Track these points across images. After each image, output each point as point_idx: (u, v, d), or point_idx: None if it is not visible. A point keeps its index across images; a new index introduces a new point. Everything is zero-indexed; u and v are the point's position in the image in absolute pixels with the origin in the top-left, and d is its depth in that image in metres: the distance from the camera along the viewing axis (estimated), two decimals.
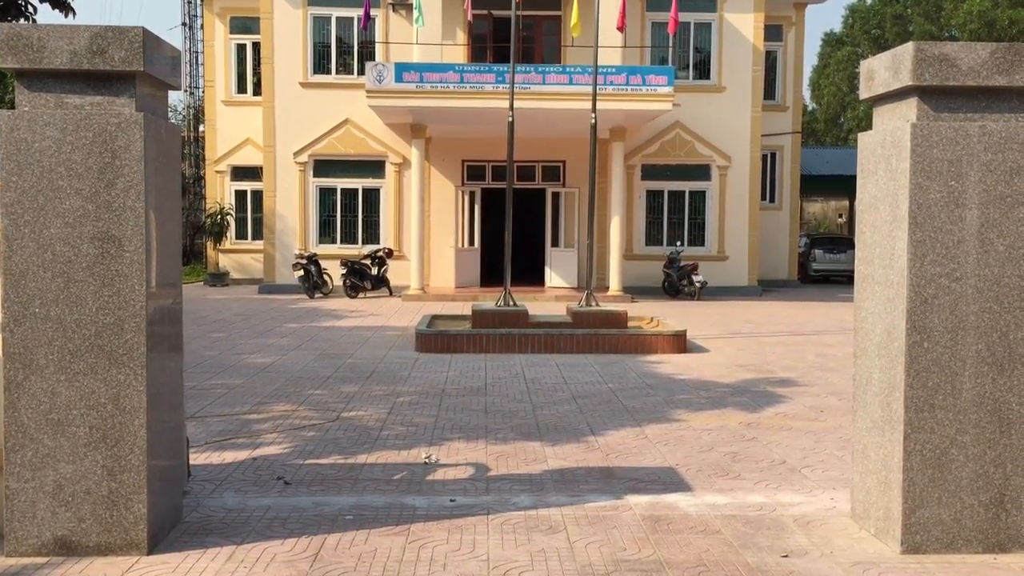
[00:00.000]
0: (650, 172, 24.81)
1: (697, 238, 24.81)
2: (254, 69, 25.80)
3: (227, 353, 12.72)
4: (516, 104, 17.45)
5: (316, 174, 24.09)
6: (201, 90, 31.78)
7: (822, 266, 29.56)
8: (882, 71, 5.28)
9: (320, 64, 24.07)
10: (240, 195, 26.29)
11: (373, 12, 22.89)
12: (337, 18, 23.99)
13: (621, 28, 20.39)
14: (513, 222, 16.63)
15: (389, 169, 24.25)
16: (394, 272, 22.98)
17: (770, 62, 26.76)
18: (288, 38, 23.70)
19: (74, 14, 9.28)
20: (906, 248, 4.98)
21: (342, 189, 24.21)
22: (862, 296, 5.53)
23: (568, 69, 20.64)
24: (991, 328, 5.01)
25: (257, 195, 25.51)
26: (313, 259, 22.23)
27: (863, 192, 5.52)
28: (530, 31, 24.38)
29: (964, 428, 5.02)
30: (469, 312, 14.91)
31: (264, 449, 7.29)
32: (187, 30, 33.39)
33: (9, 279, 4.79)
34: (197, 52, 32.62)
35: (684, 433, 8.02)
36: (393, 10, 23.91)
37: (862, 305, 5.52)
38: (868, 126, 34.10)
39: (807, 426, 8.41)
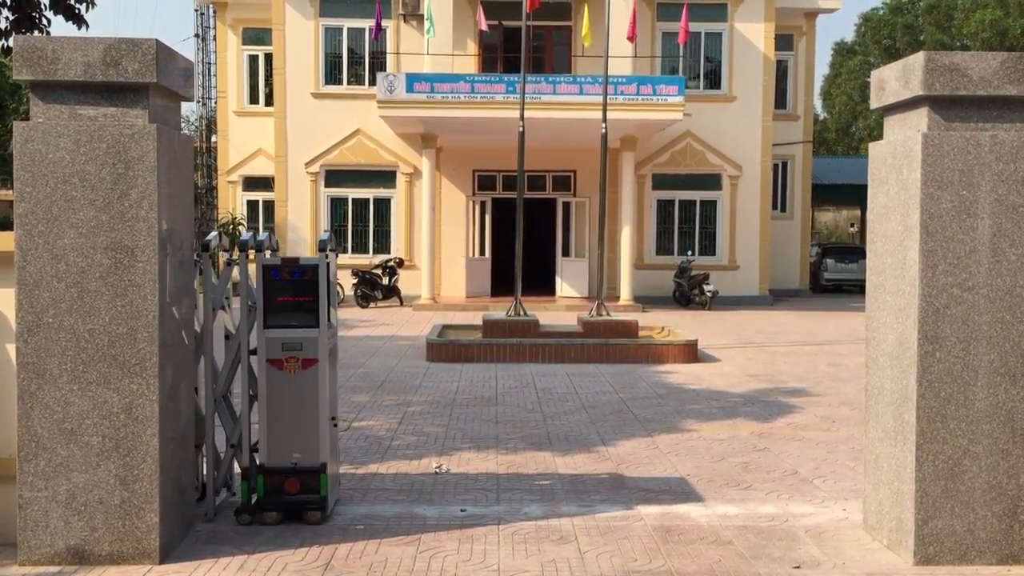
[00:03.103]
0: (661, 181, 24.81)
1: (708, 247, 24.78)
2: (266, 80, 25.91)
3: None
4: (527, 114, 17.48)
5: (327, 184, 24.17)
6: (213, 101, 31.94)
7: (834, 275, 29.44)
8: (892, 81, 5.28)
9: (331, 75, 24.17)
10: (252, 205, 26.37)
11: (384, 23, 22.98)
12: (348, 29, 24.09)
13: (631, 38, 20.41)
14: (524, 231, 16.65)
15: (400, 179, 24.31)
16: (405, 282, 23.01)
17: (781, 71, 26.74)
18: (300, 49, 23.81)
19: (87, 27, 9.34)
20: (917, 258, 4.97)
21: (353, 199, 24.28)
22: (874, 306, 5.51)
23: (579, 79, 20.67)
24: (1004, 338, 4.99)
25: (269, 205, 25.58)
26: None
27: (874, 202, 5.51)
28: (540, 41, 24.43)
29: (977, 438, 4.99)
30: (480, 321, 14.91)
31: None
32: (200, 41, 33.60)
33: (23, 289, 4.82)
34: (210, 63, 32.79)
35: (695, 443, 8.00)
36: (404, 21, 24.00)
37: (874, 315, 5.51)
38: (879, 135, 33.92)
39: (819, 436, 8.38)
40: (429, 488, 6.47)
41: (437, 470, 6.96)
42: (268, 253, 5.88)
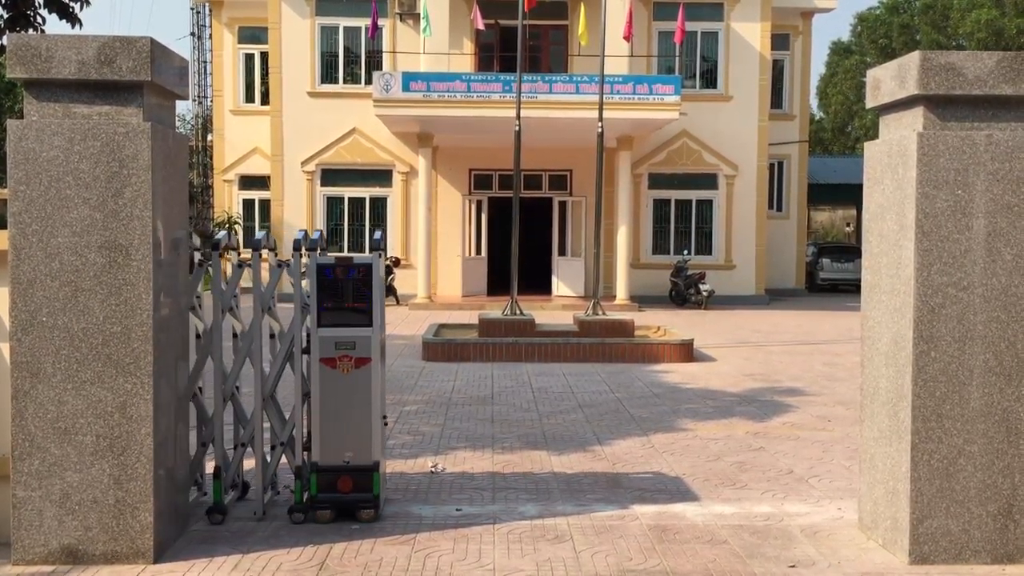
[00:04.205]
0: (657, 181, 24.81)
1: (704, 247, 24.79)
2: (262, 79, 25.88)
3: None
4: (523, 113, 17.47)
5: (324, 183, 24.14)
6: (209, 99, 31.89)
7: (829, 275, 29.47)
8: (888, 80, 5.28)
9: (328, 73, 24.14)
10: (248, 204, 26.34)
11: (380, 22, 22.95)
12: (345, 28, 24.07)
13: (628, 37, 20.40)
14: (520, 231, 16.64)
15: (396, 178, 24.29)
16: (401, 281, 22.99)
17: (777, 71, 26.75)
18: (296, 48, 23.78)
19: (81, 25, 9.32)
20: (913, 257, 4.97)
21: (349, 198, 24.26)
22: (869, 305, 5.51)
23: (575, 78, 20.66)
24: (999, 337, 4.99)
25: (265, 204, 25.54)
26: None
27: (870, 201, 5.52)
28: (537, 40, 24.40)
29: (972, 438, 5.00)
30: (476, 321, 14.91)
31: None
32: (196, 40, 33.54)
33: (17, 288, 4.80)
34: (205, 62, 32.73)
35: (691, 442, 8.00)
36: (400, 20, 23.98)
37: (869, 314, 5.51)
38: (875, 135, 33.76)
39: (814, 436, 8.39)
40: (425, 487, 6.47)
41: (433, 469, 6.95)
42: (318, 252, 5.87)
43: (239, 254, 6.31)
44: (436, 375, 11.76)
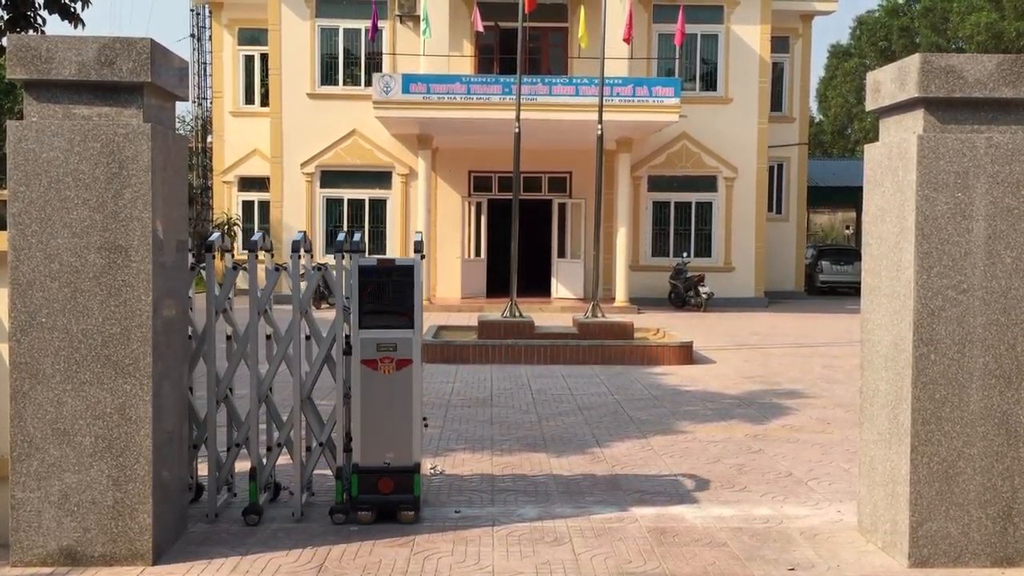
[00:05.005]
0: (656, 183, 24.82)
1: (703, 249, 24.79)
2: (262, 80, 25.88)
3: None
4: (522, 115, 17.48)
5: (323, 185, 24.14)
6: (209, 101, 31.91)
7: (829, 277, 29.48)
8: (888, 83, 5.28)
9: (328, 75, 24.14)
10: (247, 205, 26.34)
11: (380, 23, 22.96)
12: (345, 29, 24.08)
13: (628, 39, 20.41)
14: (520, 233, 16.64)
15: (396, 180, 24.29)
16: None
17: (777, 73, 26.76)
18: (296, 49, 23.78)
19: (83, 26, 9.31)
20: (913, 260, 4.97)
21: (349, 200, 24.26)
22: (869, 308, 5.51)
23: (575, 80, 20.67)
24: (998, 340, 4.99)
25: (264, 206, 25.55)
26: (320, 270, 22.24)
27: (869, 204, 5.52)
28: (536, 42, 24.42)
29: (971, 441, 4.99)
30: (475, 323, 14.90)
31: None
32: (196, 41, 33.58)
33: (16, 289, 4.80)
34: (205, 63, 32.78)
35: (690, 444, 8.00)
36: (400, 22, 23.99)
37: (869, 317, 5.51)
38: (875, 137, 33.57)
39: (814, 438, 8.38)
40: (424, 489, 6.45)
41: (432, 471, 6.94)
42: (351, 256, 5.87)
43: (272, 256, 6.31)
44: (435, 377, 11.75)
